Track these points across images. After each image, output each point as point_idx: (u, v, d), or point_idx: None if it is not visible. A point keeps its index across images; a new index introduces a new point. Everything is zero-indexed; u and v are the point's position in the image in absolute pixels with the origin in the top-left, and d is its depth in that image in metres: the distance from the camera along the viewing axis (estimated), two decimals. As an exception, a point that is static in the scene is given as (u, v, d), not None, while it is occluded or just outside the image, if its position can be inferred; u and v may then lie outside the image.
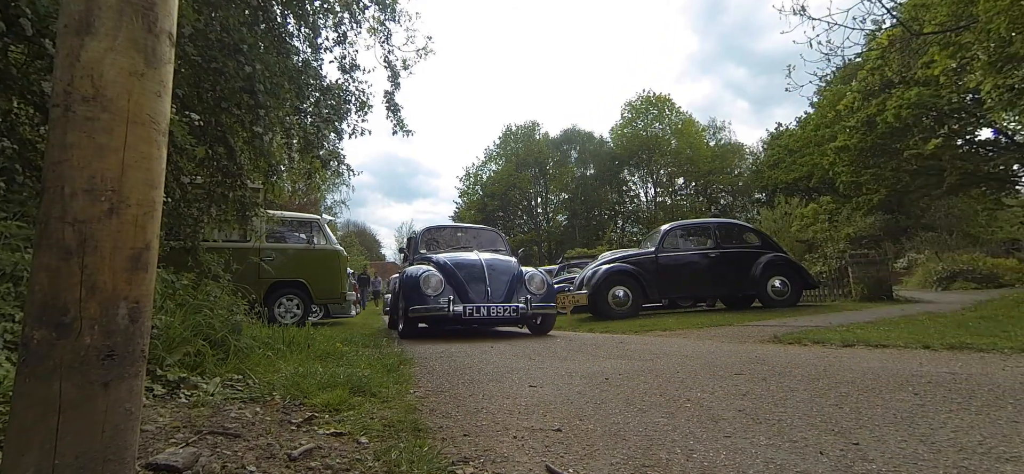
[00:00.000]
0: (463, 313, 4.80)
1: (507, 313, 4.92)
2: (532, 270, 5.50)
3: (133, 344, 0.81)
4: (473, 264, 5.37)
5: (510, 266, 5.50)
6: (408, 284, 5.15)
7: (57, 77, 0.78)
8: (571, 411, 1.75)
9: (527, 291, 5.20)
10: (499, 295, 5.06)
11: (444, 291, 4.93)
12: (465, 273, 5.20)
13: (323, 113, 5.66)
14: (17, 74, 2.64)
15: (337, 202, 30.89)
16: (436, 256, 5.78)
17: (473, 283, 5.08)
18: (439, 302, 4.85)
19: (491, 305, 4.90)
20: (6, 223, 2.24)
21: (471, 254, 5.85)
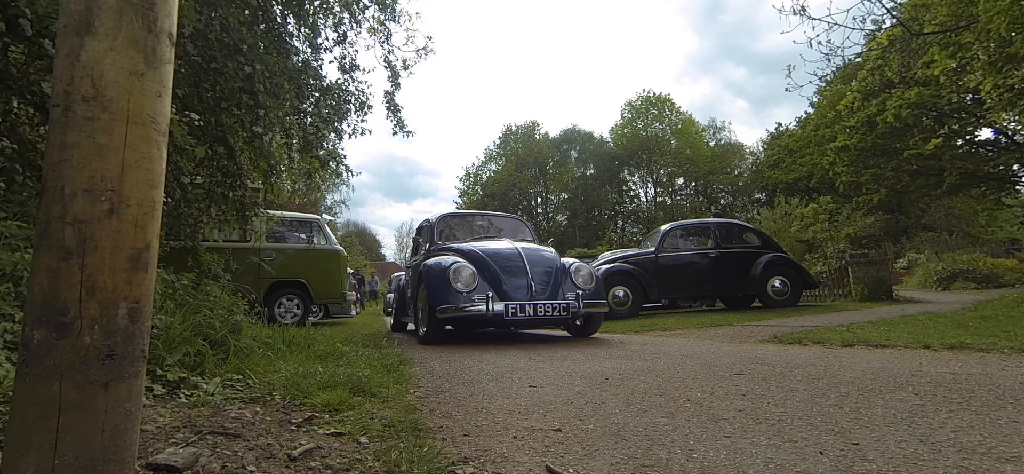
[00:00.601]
0: (505, 313, 3.94)
1: (555, 312, 4.05)
2: (575, 261, 4.65)
3: (133, 344, 0.81)
4: (509, 254, 4.49)
5: (552, 256, 4.64)
6: (433, 278, 4.23)
7: (57, 77, 0.78)
8: (571, 411, 1.75)
9: (573, 285, 4.36)
10: (543, 290, 4.20)
11: (477, 286, 4.08)
12: (501, 264, 4.33)
13: (323, 113, 5.66)
14: (17, 74, 2.64)
15: (337, 202, 30.91)
16: (463, 245, 4.92)
17: (511, 276, 4.23)
18: (473, 300, 4.01)
19: (536, 303, 4.04)
20: (6, 223, 2.24)
21: (503, 242, 4.98)
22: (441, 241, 5.40)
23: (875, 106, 15.48)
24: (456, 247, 4.93)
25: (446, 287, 4.10)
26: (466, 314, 4.01)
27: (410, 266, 6.27)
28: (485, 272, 4.27)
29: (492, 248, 4.69)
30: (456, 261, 4.28)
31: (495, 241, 5.15)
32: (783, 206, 17.28)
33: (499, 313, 3.95)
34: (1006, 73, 7.66)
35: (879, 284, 8.57)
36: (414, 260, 5.99)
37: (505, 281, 4.19)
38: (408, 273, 6.48)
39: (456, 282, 4.09)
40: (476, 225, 6.02)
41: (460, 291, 4.07)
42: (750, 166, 37.99)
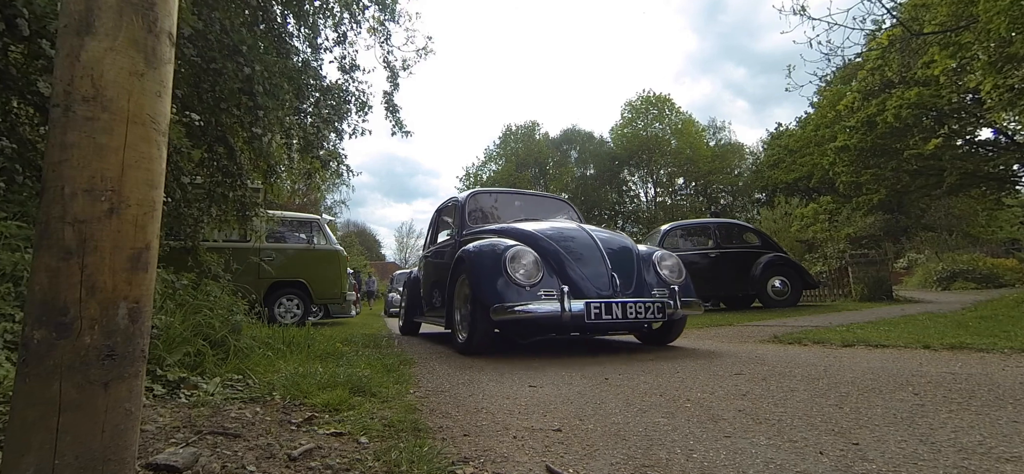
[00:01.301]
0: (586, 315, 2.98)
1: (648, 312, 3.10)
2: (656, 248, 3.76)
3: (133, 344, 0.81)
4: (579, 238, 3.53)
5: (629, 242, 3.73)
6: (481, 268, 3.26)
7: (57, 77, 0.78)
8: (571, 411, 1.75)
9: (658, 278, 3.46)
10: (627, 285, 3.26)
11: (542, 279, 3.15)
12: (570, 251, 3.38)
13: (323, 113, 5.67)
14: (17, 74, 2.64)
15: (337, 202, 30.93)
16: (513, 226, 3.91)
17: (585, 266, 3.28)
18: (539, 296, 3.06)
19: (625, 301, 3.08)
20: (6, 223, 2.24)
21: (563, 222, 4.04)
22: (474, 224, 4.42)
23: (875, 106, 15.48)
24: (504, 228, 3.90)
25: (501, 279, 3.09)
26: (532, 316, 2.99)
27: (428, 256, 5.34)
28: (551, 260, 3.31)
29: (554, 229, 3.69)
30: (513, 245, 3.28)
31: (551, 221, 4.12)
32: (783, 206, 17.30)
33: (578, 314, 2.97)
34: (1006, 73, 7.66)
35: (879, 284, 8.57)
36: (436, 249, 5.10)
37: (578, 272, 3.22)
38: (422, 265, 5.65)
39: (515, 271, 3.11)
40: (513, 206, 4.91)
41: (521, 284, 3.08)
42: (750, 166, 37.99)
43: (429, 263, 5.27)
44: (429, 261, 5.28)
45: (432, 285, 4.96)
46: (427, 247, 5.64)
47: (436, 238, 5.40)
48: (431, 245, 5.47)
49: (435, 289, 4.78)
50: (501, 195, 5.17)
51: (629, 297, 3.16)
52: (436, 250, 5.09)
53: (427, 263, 5.37)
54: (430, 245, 5.52)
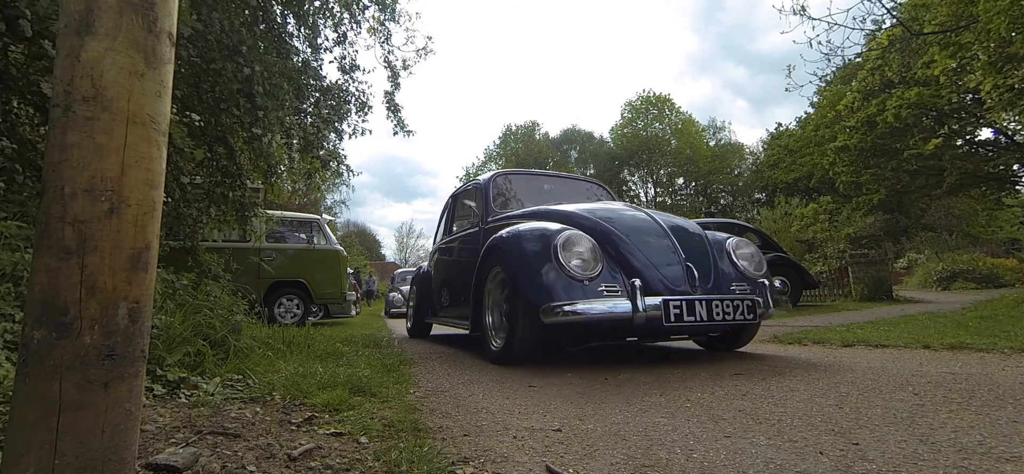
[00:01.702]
0: (665, 315, 2.42)
1: (739, 313, 2.56)
2: (726, 235, 3.17)
3: (133, 344, 0.81)
4: (640, 221, 2.94)
5: (696, 227, 3.11)
6: (525, 256, 2.68)
7: (57, 77, 0.78)
8: (571, 411, 1.75)
9: (736, 270, 2.89)
10: (706, 278, 2.70)
11: (602, 271, 2.57)
12: (633, 236, 2.78)
13: (323, 113, 5.67)
14: (17, 74, 2.64)
15: (337, 202, 30.94)
16: (559, 207, 3.33)
17: (652, 254, 2.70)
18: (600, 292, 2.49)
19: (711, 299, 2.54)
20: (6, 223, 2.24)
21: (615, 204, 3.42)
22: (499, 209, 3.78)
23: (875, 106, 15.49)
24: (545, 211, 3.30)
25: (552, 272, 2.51)
26: (594, 317, 2.41)
27: (443, 248, 4.74)
28: (610, 248, 2.72)
29: (608, 210, 3.10)
30: (563, 229, 2.68)
31: (603, 203, 3.56)
32: (783, 206, 17.29)
33: (655, 315, 2.40)
34: (1006, 73, 7.67)
35: (879, 284, 8.57)
36: (452, 240, 4.46)
37: (645, 263, 2.64)
38: (434, 259, 5.08)
39: (568, 261, 2.53)
40: (543, 190, 4.23)
41: (576, 278, 2.50)
42: (750, 166, 38.01)
43: (444, 256, 4.69)
44: (444, 253, 4.70)
45: (448, 281, 4.41)
46: (440, 238, 5.05)
47: (451, 228, 4.74)
48: (446, 236, 4.82)
49: (452, 286, 4.25)
50: (528, 177, 4.50)
51: (715, 295, 2.57)
52: (453, 241, 4.44)
53: (441, 256, 4.78)
54: (445, 236, 4.86)
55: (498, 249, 2.94)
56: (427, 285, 5.08)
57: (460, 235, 4.30)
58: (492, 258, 3.06)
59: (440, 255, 4.87)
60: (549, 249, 2.58)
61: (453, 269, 4.36)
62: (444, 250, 4.74)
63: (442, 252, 4.81)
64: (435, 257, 5.08)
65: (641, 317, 2.40)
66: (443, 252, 4.76)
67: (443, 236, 4.96)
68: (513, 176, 4.41)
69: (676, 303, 2.46)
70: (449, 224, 4.88)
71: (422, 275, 5.30)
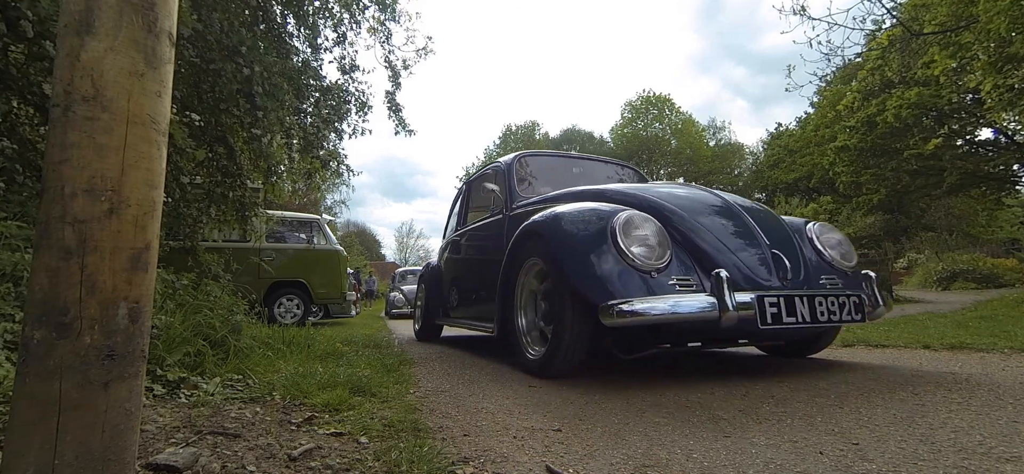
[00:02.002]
0: (761, 317, 1.96)
1: (846, 312, 2.12)
2: (804, 219, 2.74)
3: (133, 344, 0.81)
4: (710, 201, 2.49)
5: (773, 212, 2.63)
6: (574, 242, 2.21)
7: (57, 77, 0.78)
8: (571, 411, 1.75)
9: (822, 261, 2.44)
10: (796, 271, 2.23)
11: (670, 260, 2.11)
12: (704, 217, 2.34)
13: (323, 113, 5.67)
14: (17, 74, 2.64)
15: (337, 202, 30.96)
16: (607, 187, 2.83)
17: (728, 238, 2.25)
18: (671, 286, 2.03)
19: (814, 295, 2.08)
20: (6, 223, 2.24)
21: (681, 187, 2.78)
22: (526, 194, 3.30)
23: (875, 106, 15.48)
24: (590, 190, 2.79)
25: (610, 261, 2.04)
26: (673, 317, 1.93)
27: (458, 240, 4.26)
28: (678, 232, 2.24)
29: (668, 188, 2.67)
30: (621, 210, 2.20)
31: (662, 185, 2.85)
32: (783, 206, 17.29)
33: (746, 315, 1.94)
34: (1006, 73, 7.67)
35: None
36: (469, 230, 4.00)
37: (720, 250, 2.16)
38: (446, 253, 4.61)
39: (630, 246, 2.05)
40: (572, 173, 3.80)
41: (639, 266, 2.02)
42: (750, 166, 37.99)
43: (458, 249, 4.24)
44: (458, 247, 4.24)
45: (464, 277, 4.00)
46: (453, 230, 4.58)
47: (465, 218, 4.29)
48: (460, 227, 4.34)
49: (469, 282, 3.85)
50: (555, 159, 4.01)
51: (818, 291, 2.11)
52: (469, 232, 3.99)
53: (455, 250, 4.33)
54: (459, 227, 4.39)
55: (535, 236, 2.48)
56: (437, 282, 4.61)
57: (478, 225, 3.83)
58: (526, 247, 2.58)
59: (453, 248, 4.40)
60: (606, 233, 2.09)
61: (470, 263, 3.96)
62: (458, 243, 4.28)
63: (456, 245, 4.33)
64: (447, 251, 4.62)
65: (731, 317, 1.89)
66: (457, 245, 4.31)
67: (456, 227, 4.47)
68: (538, 158, 3.85)
69: (772, 300, 1.96)
70: (463, 214, 4.38)
71: (431, 272, 4.80)
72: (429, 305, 4.65)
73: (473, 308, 3.68)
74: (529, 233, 2.56)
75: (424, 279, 4.95)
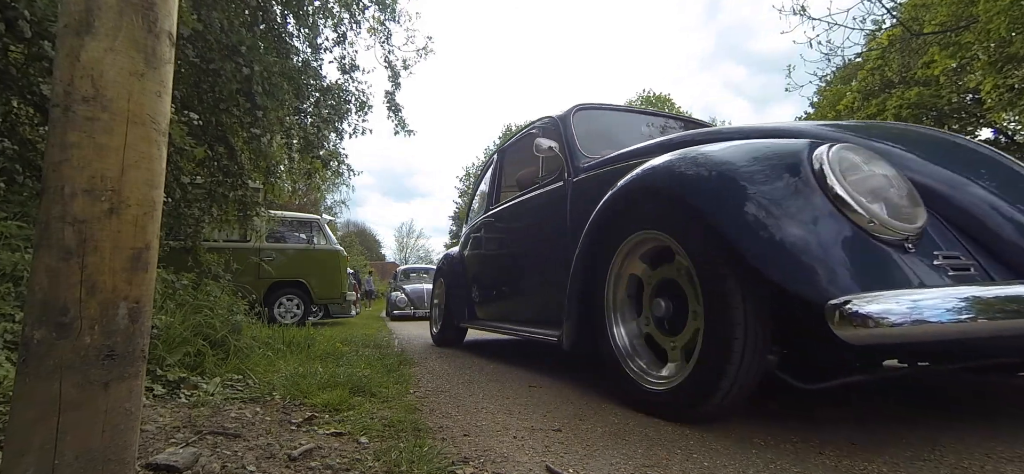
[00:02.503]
0: None
1: None
2: None
3: (133, 344, 0.81)
4: (952, 144, 1.76)
5: None
6: (736, 204, 1.32)
7: (57, 77, 0.78)
8: (571, 411, 1.75)
9: None
10: None
11: (925, 225, 1.25)
12: (955, 164, 1.50)
13: (323, 113, 5.67)
14: (17, 74, 2.64)
15: (337, 202, 30.97)
16: (766, 124, 1.83)
17: (1004, 190, 1.39)
18: (935, 267, 1.21)
19: None
20: (6, 223, 2.24)
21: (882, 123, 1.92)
22: (590, 153, 2.52)
23: (875, 106, 15.47)
24: (729, 130, 1.98)
25: (827, 225, 1.23)
26: (1003, 328, 1.08)
27: (493, 221, 3.44)
28: (926, 185, 1.39)
29: (876, 126, 2.04)
30: (818, 141, 1.41)
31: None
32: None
33: None
34: (1006, 73, 7.67)
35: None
36: (511, 206, 3.16)
37: (996, 210, 1.35)
38: (474, 238, 3.82)
39: (858, 193, 1.26)
40: (641, 131, 3.01)
41: (878, 229, 1.22)
42: (750, 166, 37.89)
43: (492, 233, 3.44)
44: (492, 230, 3.44)
45: (501, 269, 3.31)
46: (482, 210, 3.79)
47: (498, 195, 3.56)
48: (492, 205, 3.55)
49: (511, 274, 3.14)
50: (619, 114, 3.17)
51: None
52: (511, 209, 3.13)
53: (486, 235, 3.54)
54: (491, 206, 3.57)
55: (648, 196, 1.69)
56: (461, 277, 3.87)
57: (521, 199, 2.99)
58: (627, 217, 1.79)
59: (483, 234, 3.58)
60: (809, 177, 1.30)
61: (511, 250, 3.17)
62: (490, 225, 3.46)
63: (487, 229, 3.52)
64: (473, 238, 3.81)
65: None
66: (489, 228, 3.49)
67: (486, 207, 3.66)
68: (598, 112, 2.97)
69: None
70: (495, 190, 3.63)
71: (452, 265, 4.05)
72: (451, 305, 3.96)
73: (517, 307, 2.98)
74: (635, 194, 1.73)
75: (442, 274, 4.22)
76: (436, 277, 4.56)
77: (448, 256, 4.36)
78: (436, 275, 4.58)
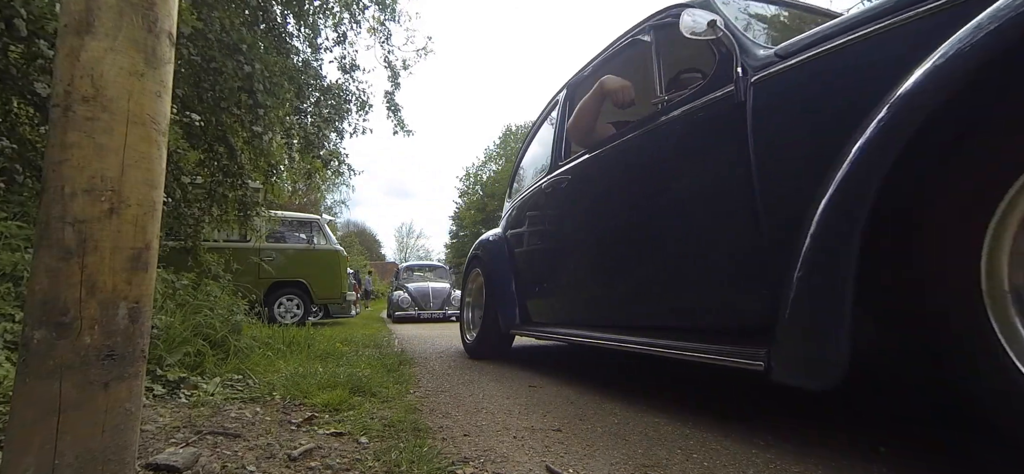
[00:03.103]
0: None
1: None
2: None
3: (133, 344, 0.81)
4: None
5: None
6: None
7: (57, 77, 0.78)
8: (571, 411, 1.75)
9: None
10: None
11: None
12: None
13: (323, 113, 5.68)
14: (17, 74, 2.64)
15: (337, 202, 31.01)
16: None
17: None
18: None
19: None
20: (6, 223, 2.24)
21: None
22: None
23: (875, 106, 15.49)
24: None
25: None
26: None
27: (565, 186, 2.51)
28: None
29: None
30: None
31: None
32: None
33: None
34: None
35: None
36: (584, 161, 2.37)
37: None
38: (528, 217, 2.95)
39: None
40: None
41: None
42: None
43: (573, 195, 2.45)
44: (570, 193, 2.47)
45: (590, 248, 2.32)
46: (541, 173, 2.86)
47: (569, 147, 2.62)
48: (562, 162, 2.59)
49: (612, 255, 2.12)
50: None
51: None
52: (616, 151, 2.12)
53: (560, 199, 2.55)
54: (560, 160, 2.62)
55: None
56: (507, 266, 2.99)
57: (630, 137, 2.03)
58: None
59: (553, 200, 2.62)
60: None
61: (615, 216, 2.14)
62: (565, 188, 2.49)
63: (558, 194, 2.55)
64: (533, 209, 2.86)
65: None
66: (561, 193, 2.53)
67: (553, 164, 2.70)
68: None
69: None
70: (561, 140, 2.68)
71: (494, 250, 3.14)
72: (496, 304, 2.95)
73: (628, 305, 2.06)
74: None
75: (480, 263, 3.24)
76: (469, 268, 3.54)
77: (486, 241, 3.32)
78: (469, 265, 3.55)
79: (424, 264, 14.53)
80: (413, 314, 10.29)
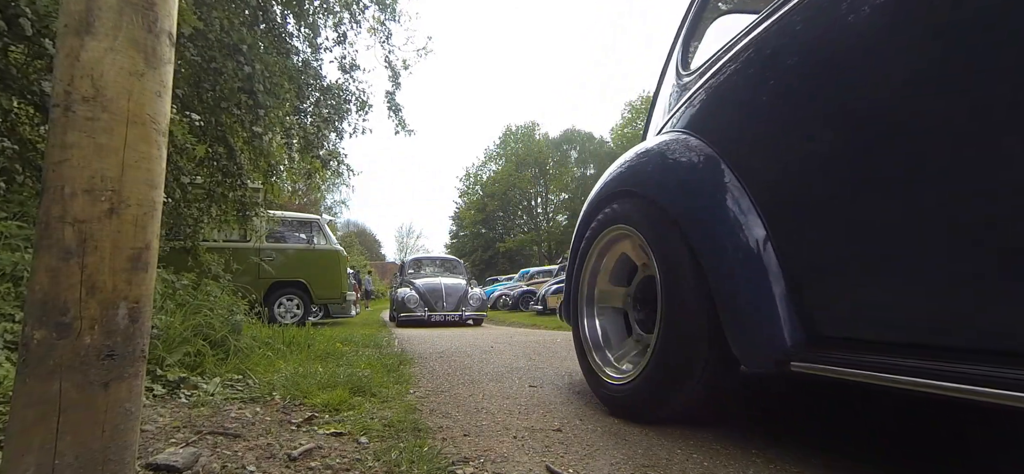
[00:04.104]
0: None
1: None
2: None
3: (133, 344, 0.81)
4: None
5: None
6: None
7: (57, 77, 0.78)
8: (571, 411, 1.75)
9: None
10: None
11: None
12: None
13: (323, 113, 5.68)
14: (17, 74, 2.64)
15: (337, 202, 31.01)
16: None
17: None
18: None
19: None
20: (6, 223, 2.24)
21: None
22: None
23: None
24: None
25: None
26: None
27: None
28: None
29: None
30: None
31: None
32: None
33: None
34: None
35: None
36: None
37: None
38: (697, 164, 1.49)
39: None
40: None
41: None
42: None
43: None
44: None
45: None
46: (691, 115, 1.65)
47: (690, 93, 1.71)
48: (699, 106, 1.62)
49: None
50: None
51: None
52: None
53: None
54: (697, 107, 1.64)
55: None
56: (742, 217, 1.33)
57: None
58: None
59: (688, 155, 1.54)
60: None
61: None
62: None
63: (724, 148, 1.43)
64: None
65: None
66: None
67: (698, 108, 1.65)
68: None
69: None
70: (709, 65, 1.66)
71: (691, 184, 1.50)
72: (723, 301, 1.34)
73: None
74: None
75: (640, 217, 1.68)
76: (593, 232, 1.96)
77: (656, 164, 1.71)
78: (592, 228, 1.97)
79: (434, 257, 11.78)
80: (422, 316, 8.43)
